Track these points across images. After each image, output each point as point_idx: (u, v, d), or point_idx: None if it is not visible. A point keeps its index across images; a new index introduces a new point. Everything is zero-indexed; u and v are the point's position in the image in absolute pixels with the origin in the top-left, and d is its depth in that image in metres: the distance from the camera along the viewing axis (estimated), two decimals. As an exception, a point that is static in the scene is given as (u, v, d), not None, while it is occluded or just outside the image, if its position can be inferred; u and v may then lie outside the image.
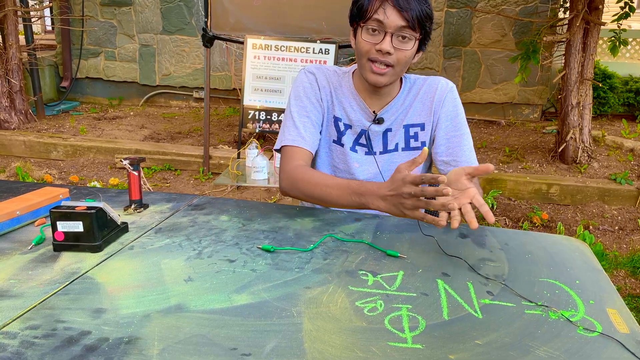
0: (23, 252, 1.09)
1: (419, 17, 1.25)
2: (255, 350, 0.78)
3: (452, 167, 1.39)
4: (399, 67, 1.31)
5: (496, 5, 5.37)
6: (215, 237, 1.19)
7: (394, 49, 1.27)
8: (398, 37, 1.27)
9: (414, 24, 1.25)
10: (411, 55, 1.31)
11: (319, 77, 1.45)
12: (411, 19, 1.24)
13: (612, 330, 0.86)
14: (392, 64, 1.29)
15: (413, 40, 1.28)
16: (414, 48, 1.30)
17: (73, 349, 0.77)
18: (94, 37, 6.35)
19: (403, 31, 1.26)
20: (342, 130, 1.46)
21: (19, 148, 4.79)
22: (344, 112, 1.45)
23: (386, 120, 1.43)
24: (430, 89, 1.44)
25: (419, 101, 1.44)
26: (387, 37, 1.26)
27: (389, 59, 1.28)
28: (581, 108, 4.19)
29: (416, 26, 1.26)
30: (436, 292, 0.97)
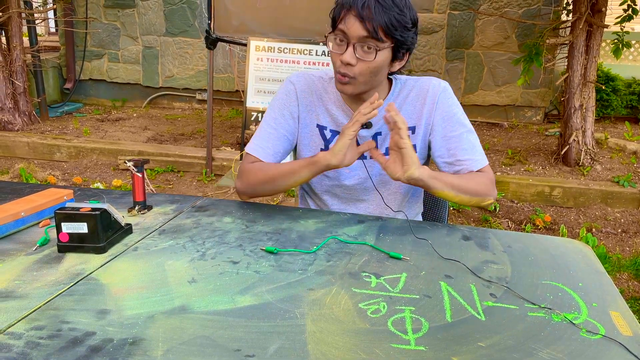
0: (28, 253, 1.10)
1: (385, 26, 1.19)
2: (258, 351, 0.78)
3: (457, 167, 1.38)
4: (363, 77, 1.27)
5: (499, 8, 5.37)
6: (218, 238, 1.19)
7: (356, 60, 1.23)
8: (362, 48, 1.22)
9: (377, 34, 1.20)
10: (379, 65, 1.26)
11: (300, 87, 1.44)
12: (373, 29, 1.19)
13: (615, 332, 0.86)
14: (353, 75, 1.26)
15: (379, 50, 1.23)
16: (381, 57, 1.24)
17: (78, 350, 0.77)
18: (97, 39, 6.37)
19: (365, 41, 1.21)
20: (329, 137, 1.43)
21: (22, 149, 4.81)
22: (330, 119, 1.43)
23: (375, 125, 1.40)
24: (421, 91, 1.40)
25: (409, 104, 1.40)
26: (349, 48, 1.23)
27: (350, 71, 1.25)
28: (584, 110, 4.18)
29: (381, 36, 1.20)
30: (439, 294, 0.97)
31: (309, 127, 1.45)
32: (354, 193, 1.47)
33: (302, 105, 1.44)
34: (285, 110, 1.44)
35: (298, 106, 1.44)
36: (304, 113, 1.44)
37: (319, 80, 1.45)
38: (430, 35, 5.58)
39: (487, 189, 1.35)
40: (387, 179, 1.42)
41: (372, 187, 1.44)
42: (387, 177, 1.41)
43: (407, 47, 1.28)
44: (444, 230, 1.28)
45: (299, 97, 1.44)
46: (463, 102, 5.61)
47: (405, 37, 1.24)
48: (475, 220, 3.58)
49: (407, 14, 1.22)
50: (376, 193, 1.45)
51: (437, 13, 5.52)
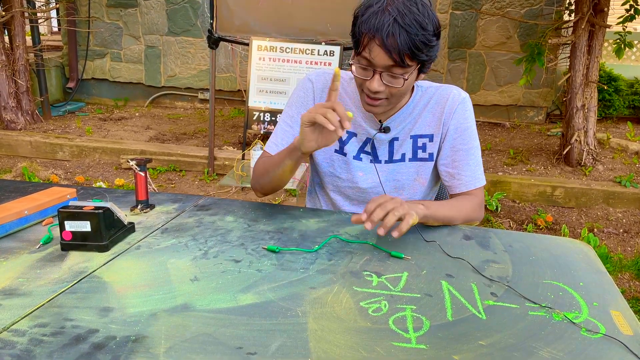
0: (31, 252, 1.11)
1: (409, 52, 1.14)
2: (260, 349, 0.79)
3: (456, 179, 1.38)
4: (394, 99, 1.26)
5: (501, 8, 5.37)
6: (220, 237, 1.20)
7: (385, 86, 1.21)
8: (389, 75, 1.20)
9: (403, 61, 1.16)
10: (408, 85, 1.24)
11: (318, 85, 1.42)
12: (400, 58, 1.15)
13: (616, 332, 0.87)
14: (386, 97, 1.24)
15: (406, 75, 1.20)
16: (409, 79, 1.22)
17: (81, 347, 0.78)
18: (100, 39, 6.38)
19: (392, 70, 1.18)
20: (345, 139, 1.42)
21: (25, 148, 4.82)
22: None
23: (393, 129, 1.38)
24: (441, 99, 1.38)
25: (429, 111, 1.38)
26: (375, 76, 1.20)
27: (381, 95, 1.23)
28: (586, 110, 4.18)
29: (407, 62, 1.16)
30: (440, 293, 0.98)
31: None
32: (366, 195, 1.45)
33: (319, 101, 1.42)
34: (302, 109, 1.42)
35: (315, 103, 1.42)
36: None
37: None
38: (433, 35, 5.58)
39: (477, 215, 1.39)
40: (401, 184, 1.42)
41: (386, 181, 1.43)
42: (401, 183, 1.42)
43: (433, 60, 1.25)
44: (445, 229, 1.29)
45: (315, 95, 1.42)
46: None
47: (431, 55, 1.20)
48: (477, 220, 3.58)
49: (431, 29, 1.16)
50: (388, 187, 1.44)
51: (439, 13, 5.52)
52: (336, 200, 1.50)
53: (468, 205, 1.36)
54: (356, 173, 1.42)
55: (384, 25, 1.13)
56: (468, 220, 1.36)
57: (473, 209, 1.37)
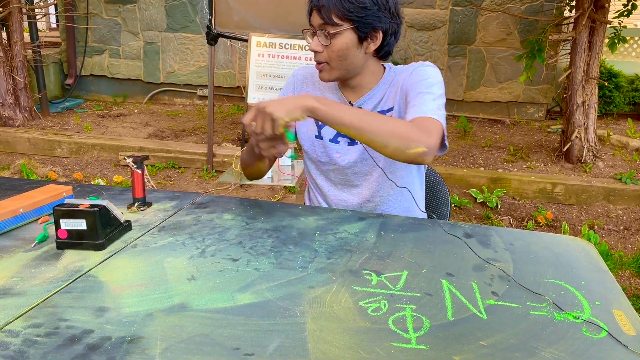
0: (26, 250, 1.09)
1: (336, 10, 1.25)
2: (258, 350, 0.77)
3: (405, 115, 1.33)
4: (334, 62, 1.33)
5: (501, 4, 5.34)
6: (218, 235, 1.18)
7: (322, 47, 1.31)
8: (322, 35, 1.30)
9: (331, 19, 1.26)
10: (342, 47, 1.30)
11: (299, 78, 1.53)
12: (327, 15, 1.26)
13: (618, 332, 0.86)
14: (324, 60, 1.33)
15: (337, 34, 1.28)
16: (342, 40, 1.29)
17: (75, 348, 0.77)
18: (98, 35, 6.35)
19: (324, 28, 1.29)
20: (321, 123, 1.43)
21: (23, 145, 4.80)
22: None
23: (386, 100, 1.42)
24: (402, 72, 1.41)
25: (392, 86, 1.42)
26: (314, 37, 1.32)
27: (319, 57, 1.33)
28: (586, 107, 4.16)
29: (336, 20, 1.27)
30: (440, 292, 0.96)
31: None
32: (347, 177, 1.48)
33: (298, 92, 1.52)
34: None
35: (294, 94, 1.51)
36: None
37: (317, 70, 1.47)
38: (432, 32, 5.56)
39: (414, 134, 1.15)
40: (377, 159, 1.41)
41: (366, 171, 1.45)
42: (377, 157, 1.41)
43: (372, 26, 1.29)
44: (445, 227, 1.28)
45: (295, 87, 1.53)
46: (465, 98, 5.59)
47: (364, 16, 1.27)
48: (477, 218, 3.57)
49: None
50: (370, 177, 1.45)
51: (439, 9, 5.50)
52: (323, 186, 1.53)
53: (404, 122, 1.20)
54: (333, 155, 1.47)
55: None
56: (405, 137, 1.14)
57: (412, 127, 1.17)
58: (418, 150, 1.14)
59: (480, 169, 4.23)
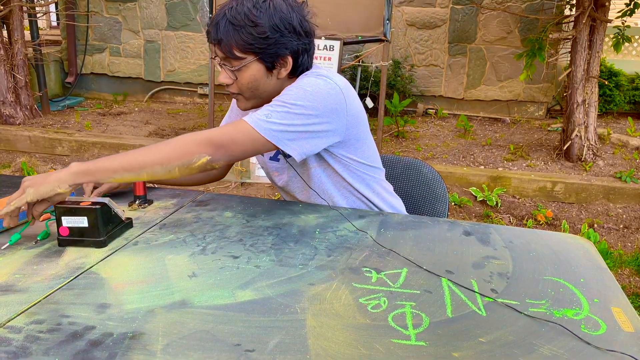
0: (28, 247, 1.10)
1: (236, 44, 1.20)
2: (258, 346, 0.78)
3: None
4: (246, 93, 1.28)
5: (502, 2, 5.34)
6: (219, 233, 1.19)
7: (231, 79, 1.26)
8: (228, 68, 1.25)
9: (232, 53, 1.21)
10: (250, 79, 1.25)
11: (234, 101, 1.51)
12: (228, 49, 1.21)
13: (617, 329, 0.86)
14: (236, 92, 1.29)
15: (243, 67, 1.23)
16: (249, 72, 1.24)
17: (77, 344, 0.77)
18: (99, 33, 6.36)
19: (226, 62, 1.24)
20: None
21: (24, 143, 4.81)
22: None
23: None
24: None
25: None
26: (222, 70, 1.27)
27: (231, 89, 1.29)
28: (587, 106, 4.17)
29: (237, 53, 1.21)
30: (440, 289, 0.97)
31: None
32: (285, 194, 1.51)
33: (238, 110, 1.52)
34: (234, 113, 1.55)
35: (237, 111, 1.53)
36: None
37: None
38: (433, 30, 5.56)
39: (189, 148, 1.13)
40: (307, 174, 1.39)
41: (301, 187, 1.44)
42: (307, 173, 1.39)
43: (278, 54, 1.23)
44: (445, 225, 1.28)
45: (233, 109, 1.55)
46: (465, 97, 5.59)
47: (266, 46, 1.21)
48: (477, 216, 3.58)
49: (264, 23, 1.19)
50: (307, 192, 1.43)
51: (440, 7, 5.50)
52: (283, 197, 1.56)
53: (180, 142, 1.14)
54: (272, 173, 1.48)
55: (214, 21, 1.23)
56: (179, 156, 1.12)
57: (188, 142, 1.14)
58: (202, 161, 1.14)
59: (480, 167, 4.24)
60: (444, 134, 5.11)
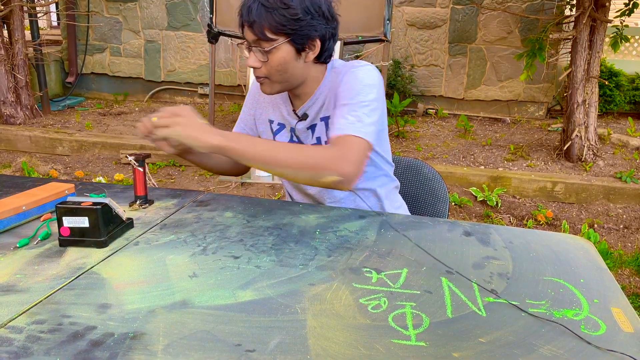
0: (29, 247, 1.10)
1: (269, 26, 1.22)
2: (259, 346, 0.78)
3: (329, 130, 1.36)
4: (274, 77, 1.29)
5: (502, 2, 5.34)
6: (220, 233, 1.19)
7: (260, 62, 1.27)
8: (258, 51, 1.26)
9: (264, 35, 1.23)
10: (280, 62, 1.27)
11: (254, 88, 1.54)
12: (260, 31, 1.23)
13: (617, 329, 0.86)
14: (264, 75, 1.30)
15: (274, 49, 1.25)
16: (280, 54, 1.26)
17: (78, 344, 0.77)
18: (99, 33, 6.36)
19: (259, 44, 1.25)
20: (276, 130, 1.50)
21: (24, 143, 4.81)
22: (278, 113, 1.49)
23: (310, 116, 1.42)
24: (339, 75, 1.37)
25: (332, 91, 1.37)
26: (250, 53, 1.28)
27: (259, 73, 1.29)
28: (587, 106, 4.17)
29: (270, 35, 1.23)
30: (440, 290, 0.97)
31: (264, 123, 1.53)
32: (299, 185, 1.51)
33: (257, 103, 1.54)
34: (248, 108, 1.57)
35: (255, 105, 1.54)
36: (259, 110, 1.54)
37: None
38: (433, 30, 5.56)
39: (326, 162, 1.16)
40: None
41: None
42: None
43: (308, 36, 1.26)
44: (445, 225, 1.28)
45: (254, 97, 1.55)
46: (465, 97, 5.60)
47: (298, 28, 1.23)
48: (477, 216, 3.58)
49: (296, 6, 1.22)
50: None
51: (440, 7, 5.50)
52: (288, 189, 1.58)
53: (314, 150, 1.23)
54: None
55: (245, 4, 1.25)
56: (315, 166, 1.16)
57: (324, 154, 1.20)
58: (331, 179, 1.16)
59: (480, 167, 4.24)
60: (444, 134, 5.11)
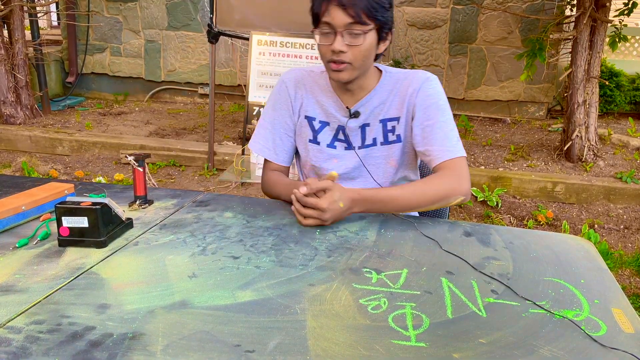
0: (28, 247, 1.10)
1: (366, 10, 1.25)
2: (258, 347, 0.78)
3: (427, 156, 1.37)
4: (357, 62, 1.31)
5: (502, 2, 5.34)
6: (219, 233, 1.19)
7: (347, 47, 1.28)
8: (349, 34, 1.27)
9: (361, 18, 1.25)
10: (368, 47, 1.30)
11: (290, 84, 1.50)
12: (357, 14, 1.24)
13: (617, 330, 0.86)
14: (349, 61, 1.30)
15: (366, 34, 1.28)
16: (369, 40, 1.29)
17: (77, 344, 0.77)
18: (99, 33, 6.36)
19: (351, 27, 1.26)
20: (318, 128, 1.48)
21: (24, 143, 4.81)
22: (320, 110, 1.47)
23: (362, 115, 1.42)
24: (406, 81, 1.42)
25: (395, 94, 1.42)
26: (337, 37, 1.28)
27: (344, 57, 1.29)
28: (587, 106, 4.16)
29: (365, 19, 1.26)
30: (440, 290, 0.97)
31: (299, 119, 1.50)
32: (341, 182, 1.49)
33: (295, 100, 1.50)
34: (281, 111, 1.51)
35: (291, 102, 1.50)
36: (297, 107, 1.50)
37: (308, 73, 1.50)
38: (433, 30, 5.56)
39: (450, 188, 1.30)
40: (374, 167, 1.46)
41: (354, 175, 1.47)
42: (374, 166, 1.45)
43: (389, 27, 1.33)
44: (445, 226, 1.28)
45: (290, 94, 1.50)
46: (466, 97, 5.59)
47: (387, 17, 1.30)
48: (477, 216, 3.58)
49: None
50: (355, 182, 1.47)
51: (440, 7, 5.50)
52: None
53: (436, 182, 1.31)
54: (331, 160, 1.47)
55: None
56: (445, 196, 1.29)
57: (445, 182, 1.31)
58: (457, 201, 1.31)
59: (481, 167, 4.23)
60: (445, 134, 5.10)
